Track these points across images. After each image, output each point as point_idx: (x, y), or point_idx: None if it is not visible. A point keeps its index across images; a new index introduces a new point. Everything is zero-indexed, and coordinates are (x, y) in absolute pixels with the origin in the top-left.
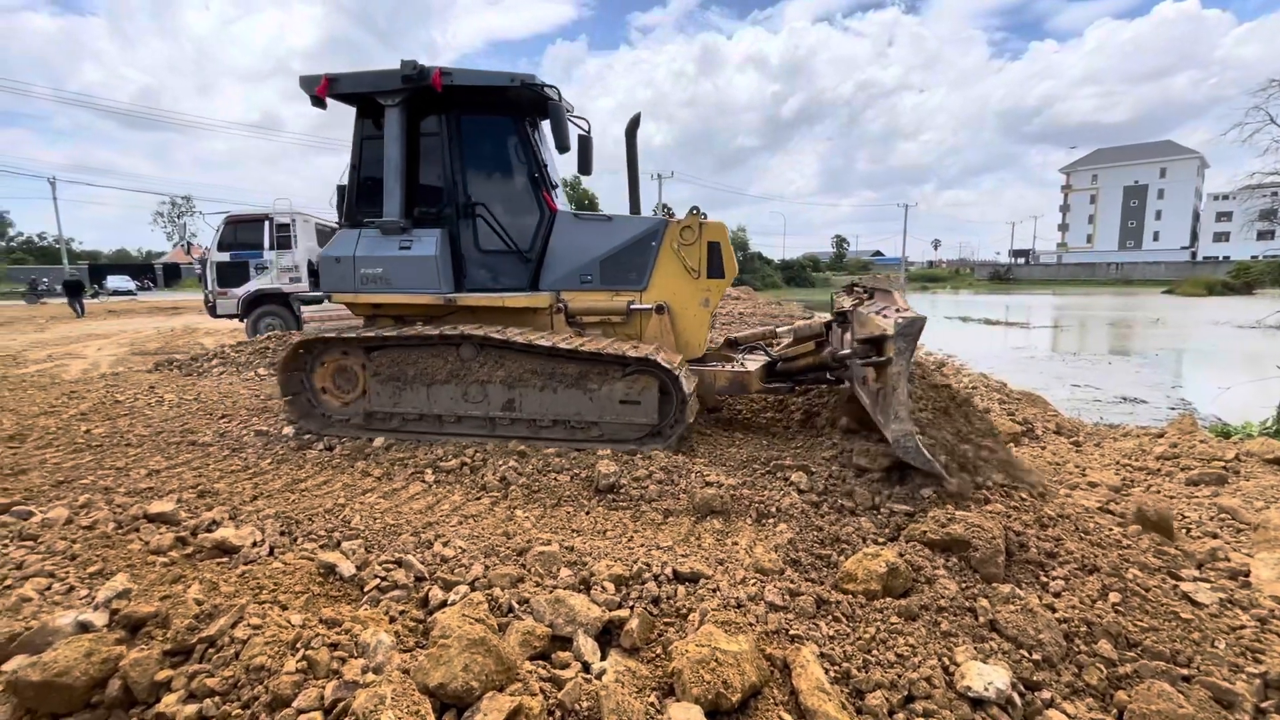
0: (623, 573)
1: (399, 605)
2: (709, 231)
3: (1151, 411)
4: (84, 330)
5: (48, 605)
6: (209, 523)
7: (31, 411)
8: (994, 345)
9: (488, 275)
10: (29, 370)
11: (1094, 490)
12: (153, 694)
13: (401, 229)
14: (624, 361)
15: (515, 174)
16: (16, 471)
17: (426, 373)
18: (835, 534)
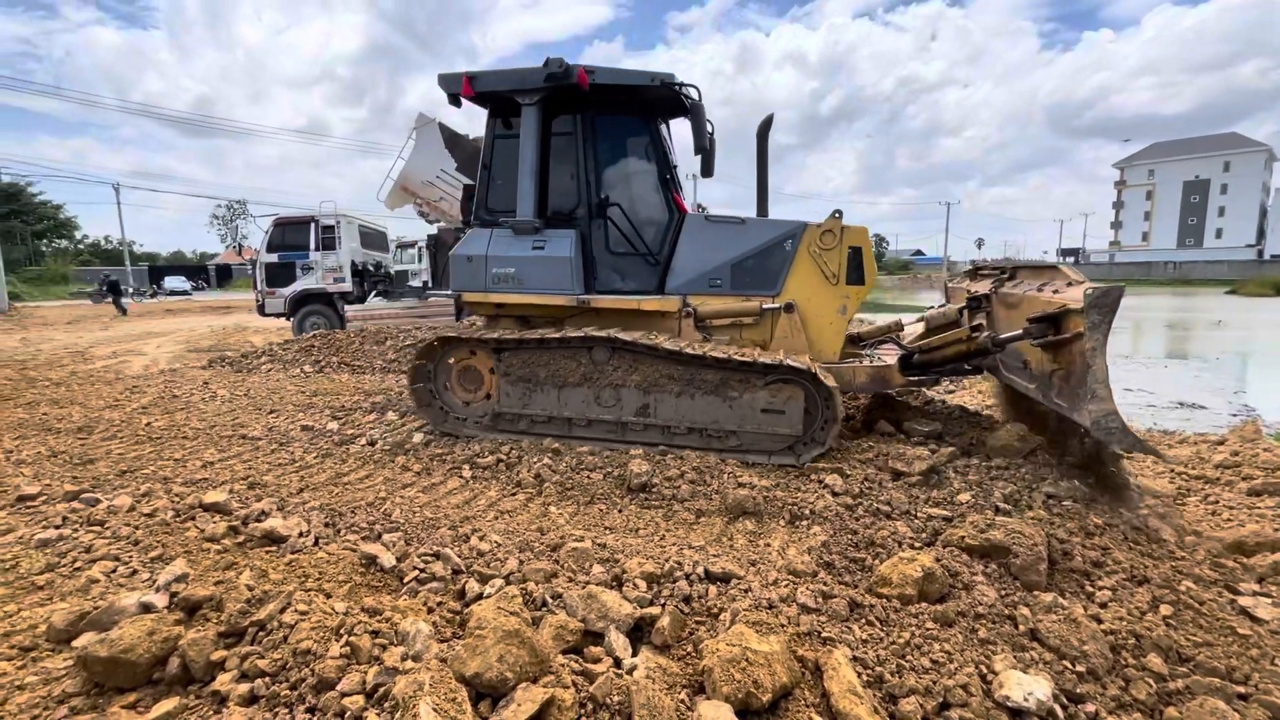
0: (654, 570)
1: (436, 596)
2: (851, 236)
3: (1211, 418)
4: (144, 329)
5: (113, 586)
6: (259, 513)
7: (98, 405)
8: None
9: (616, 277)
10: (95, 366)
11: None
12: (208, 672)
13: (535, 229)
14: (768, 370)
15: (647, 175)
16: (85, 461)
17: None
18: (870, 538)
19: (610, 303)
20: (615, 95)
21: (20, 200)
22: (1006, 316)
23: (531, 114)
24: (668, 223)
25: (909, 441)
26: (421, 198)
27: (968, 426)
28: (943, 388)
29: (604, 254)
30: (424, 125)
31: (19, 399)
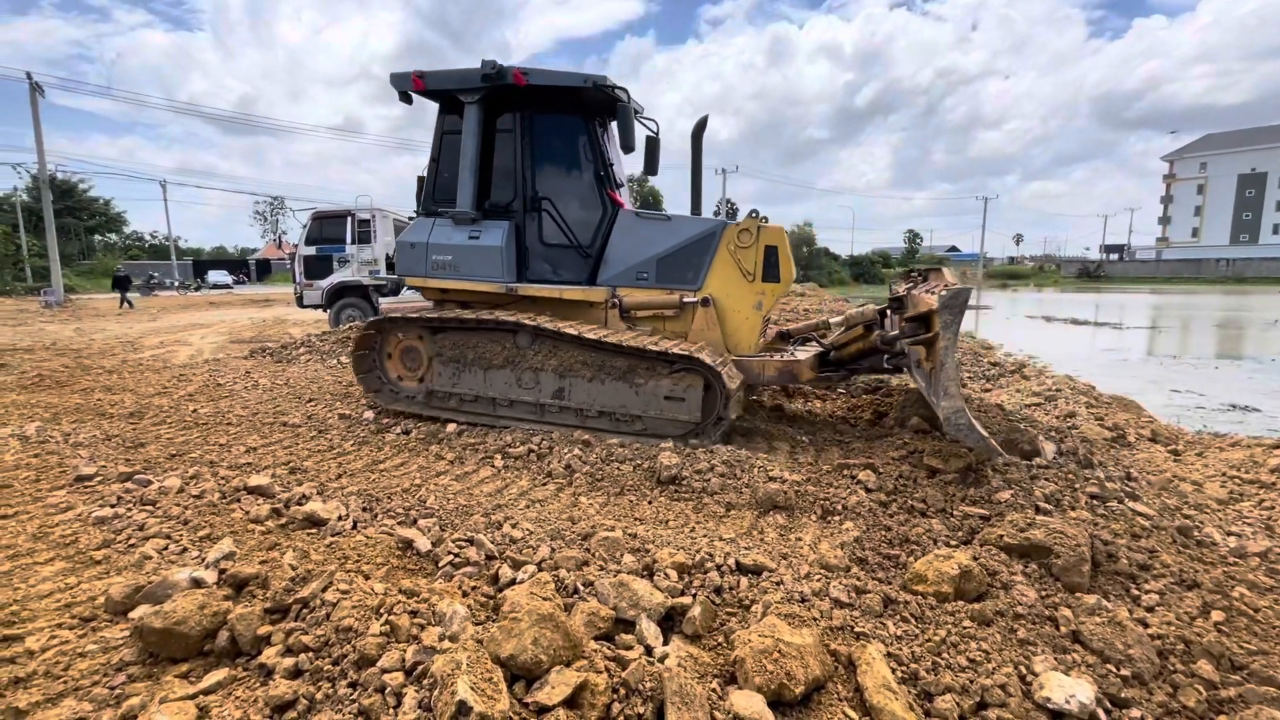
0: (685, 561)
1: (471, 581)
2: (767, 236)
3: (1266, 421)
4: (189, 320)
5: (165, 563)
6: (299, 497)
7: (148, 392)
8: (1081, 346)
9: (549, 268)
10: (145, 355)
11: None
12: (255, 646)
13: (472, 220)
14: (670, 359)
15: (582, 172)
16: (137, 444)
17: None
18: (904, 534)
19: (537, 291)
20: (554, 95)
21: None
22: (908, 313)
23: (472, 111)
24: (601, 218)
25: (944, 438)
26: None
27: (1005, 424)
28: (978, 385)
29: (538, 245)
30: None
31: (75, 385)
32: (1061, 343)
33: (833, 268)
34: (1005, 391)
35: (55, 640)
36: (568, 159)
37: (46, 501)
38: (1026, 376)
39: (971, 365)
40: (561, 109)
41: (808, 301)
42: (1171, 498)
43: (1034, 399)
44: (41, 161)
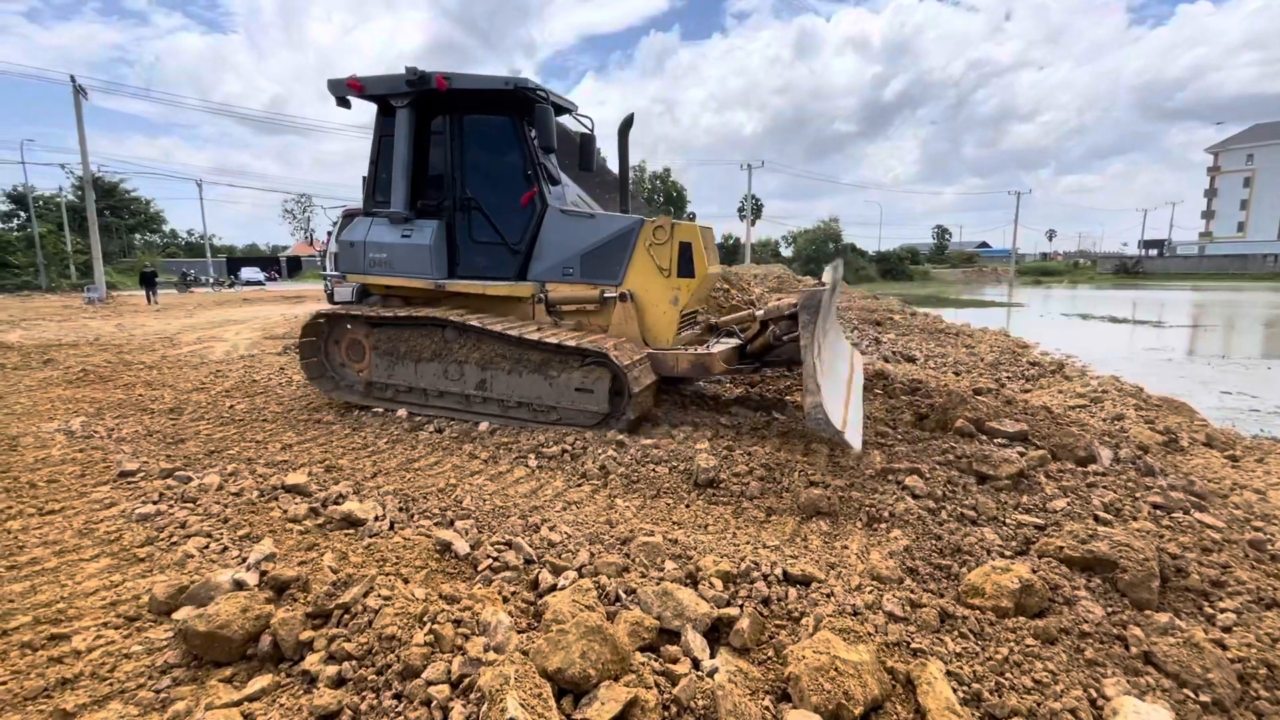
0: (730, 570)
1: (510, 586)
2: (681, 233)
3: None
4: (224, 316)
5: (206, 562)
6: (336, 496)
7: (186, 387)
8: (1121, 345)
9: (480, 264)
10: (182, 351)
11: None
12: (298, 652)
13: (405, 219)
14: (577, 352)
15: (510, 171)
16: (177, 440)
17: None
18: (956, 544)
19: (463, 287)
20: (481, 98)
21: (116, 196)
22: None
23: (403, 115)
24: (530, 215)
25: (991, 443)
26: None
27: (1055, 428)
28: (1018, 385)
29: (468, 243)
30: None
31: (117, 380)
32: (1100, 341)
33: (860, 264)
34: (1047, 393)
35: (101, 640)
36: (496, 159)
37: (91, 497)
38: (1068, 377)
39: (1009, 364)
40: (489, 111)
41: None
42: (1238, 508)
43: (1078, 400)
44: (85, 162)
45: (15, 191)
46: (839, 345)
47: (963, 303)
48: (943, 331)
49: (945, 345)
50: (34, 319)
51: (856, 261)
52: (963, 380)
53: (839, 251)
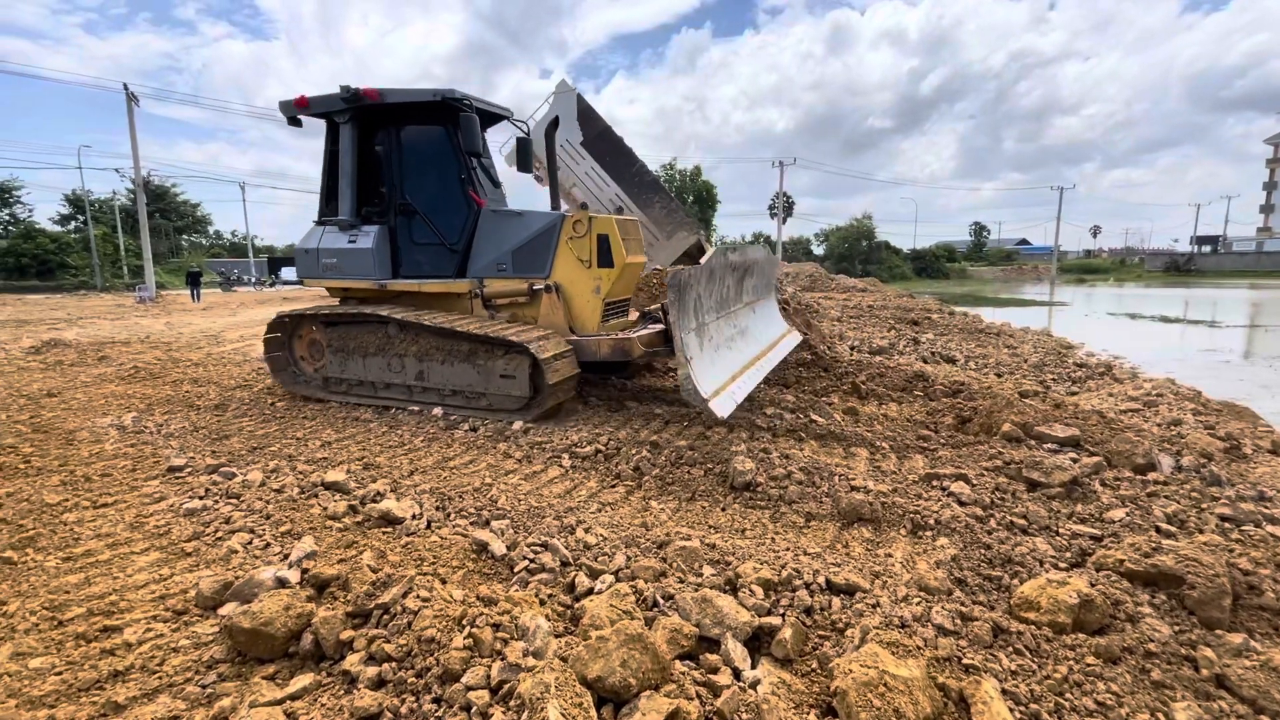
0: (771, 577)
1: (547, 589)
2: (598, 226)
3: None
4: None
5: (249, 558)
6: (374, 494)
7: (230, 384)
8: (1173, 346)
9: (421, 264)
10: (226, 349)
11: None
12: (338, 651)
13: (351, 226)
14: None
15: (445, 177)
16: (221, 436)
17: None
18: (1006, 554)
19: (403, 286)
20: (412, 110)
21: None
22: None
23: (346, 130)
24: (465, 217)
25: (1040, 448)
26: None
27: (1109, 433)
28: (1064, 388)
29: (409, 245)
30: (562, 92)
31: (166, 377)
32: (1151, 342)
33: (894, 262)
34: (1096, 396)
35: (151, 633)
36: (432, 166)
37: (142, 491)
38: (1118, 379)
39: (1054, 366)
40: (422, 121)
41: (870, 298)
42: None
43: (1131, 404)
44: (137, 166)
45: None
46: (757, 324)
47: (1002, 301)
48: (982, 331)
49: (986, 346)
50: (89, 317)
51: (890, 260)
52: (1005, 382)
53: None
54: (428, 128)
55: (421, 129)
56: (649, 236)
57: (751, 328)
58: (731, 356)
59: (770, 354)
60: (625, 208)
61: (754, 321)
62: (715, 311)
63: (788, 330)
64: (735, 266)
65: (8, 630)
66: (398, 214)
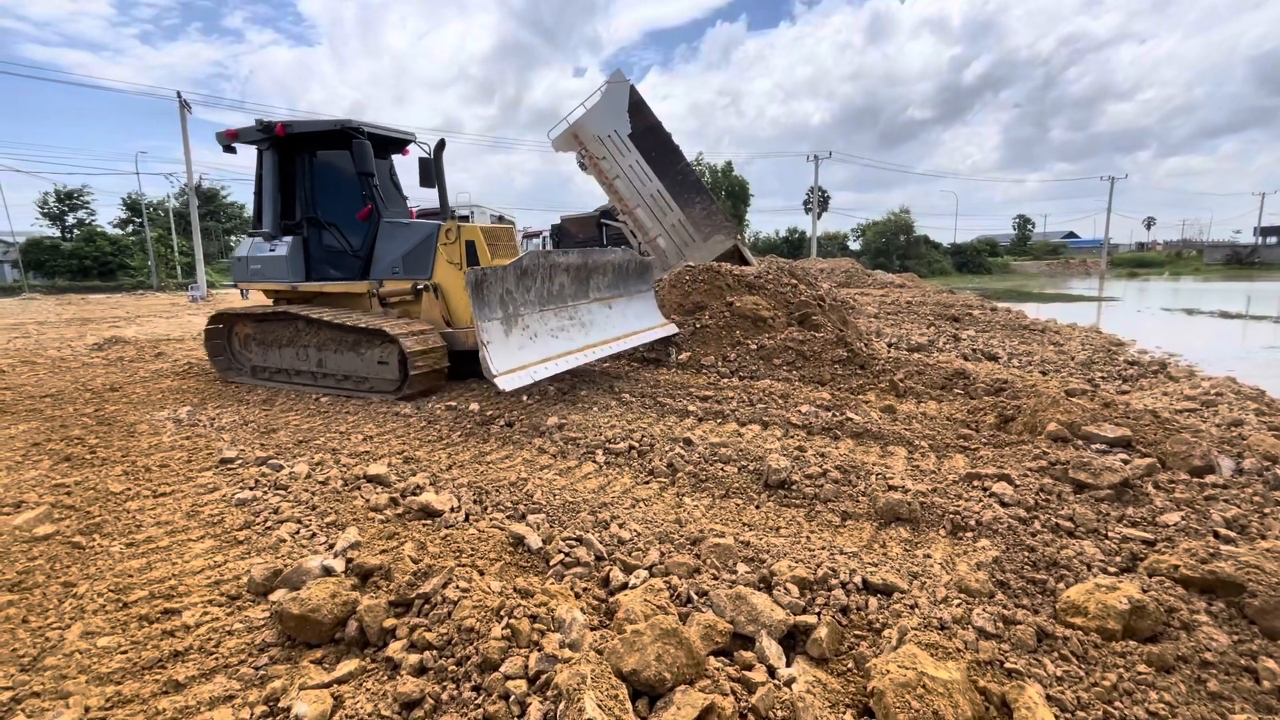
0: (806, 576)
1: (582, 582)
2: (465, 234)
3: None
4: None
5: (297, 546)
6: (414, 487)
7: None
8: (1234, 343)
9: (329, 269)
10: None
11: None
12: (382, 638)
13: (272, 236)
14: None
15: (351, 193)
16: (269, 430)
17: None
18: (1051, 557)
19: (311, 287)
20: (320, 137)
21: (215, 202)
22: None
23: (267, 156)
24: (368, 227)
25: (1088, 448)
26: (587, 150)
27: (1163, 434)
28: (1114, 386)
29: (320, 252)
30: (616, 82)
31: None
32: (1209, 339)
33: (933, 256)
34: (1149, 395)
35: (208, 616)
36: (337, 184)
37: (197, 481)
38: (1173, 377)
39: (1104, 363)
40: (329, 147)
41: (908, 293)
42: None
43: (1187, 404)
44: (189, 171)
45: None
46: (612, 318)
47: (1047, 297)
48: (1026, 328)
49: (1030, 343)
50: (146, 315)
51: (930, 254)
52: (1051, 380)
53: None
54: (333, 152)
55: (327, 153)
56: (685, 236)
57: (600, 321)
58: (553, 344)
59: (618, 343)
60: (665, 204)
61: (607, 316)
62: (538, 305)
63: (661, 323)
64: (569, 267)
65: (78, 610)
66: (309, 226)
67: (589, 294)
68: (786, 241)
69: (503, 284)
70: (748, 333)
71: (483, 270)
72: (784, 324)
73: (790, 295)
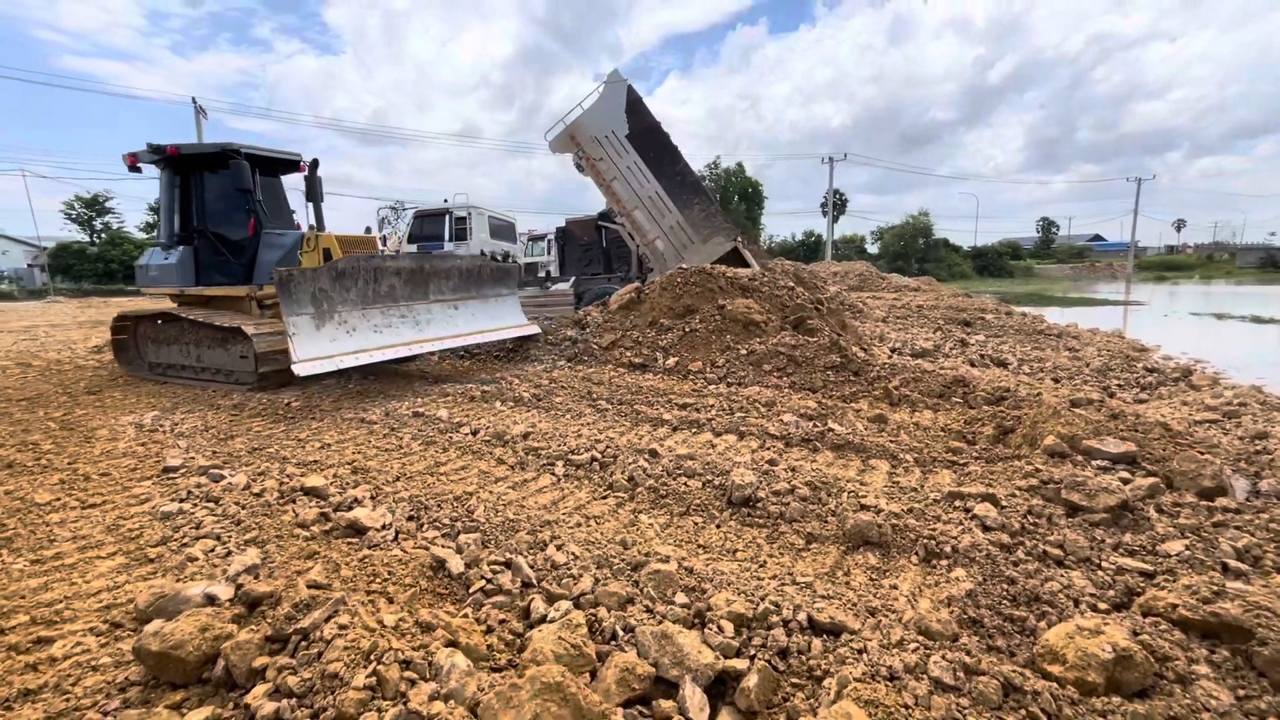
0: (745, 611)
1: (499, 613)
2: (323, 242)
3: None
4: None
5: (208, 566)
6: (350, 501)
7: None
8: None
9: (216, 275)
10: None
11: None
12: (249, 679)
13: (167, 246)
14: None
15: (237, 208)
16: (228, 436)
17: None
18: (1033, 590)
19: (197, 291)
20: (207, 158)
21: None
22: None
23: (165, 175)
24: (251, 238)
25: (1089, 464)
26: (585, 151)
27: (1173, 449)
28: (1131, 395)
29: (210, 260)
30: (614, 82)
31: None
32: (1239, 345)
33: (953, 260)
34: (1168, 404)
35: (79, 648)
36: (227, 200)
37: (132, 492)
38: (1195, 386)
39: (1121, 370)
40: (215, 167)
41: (922, 297)
42: None
43: (1207, 415)
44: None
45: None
46: (455, 318)
47: (1070, 301)
48: (1042, 333)
49: (1044, 348)
50: None
51: (949, 258)
52: (1062, 388)
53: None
54: (219, 172)
55: (214, 173)
56: (684, 238)
57: (441, 320)
58: (374, 339)
59: (461, 339)
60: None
61: (450, 316)
62: (360, 304)
63: (521, 324)
64: (400, 271)
65: None
66: (199, 237)
67: (428, 295)
68: (802, 245)
69: (315, 283)
70: (738, 337)
71: (289, 270)
72: (777, 328)
73: (786, 299)
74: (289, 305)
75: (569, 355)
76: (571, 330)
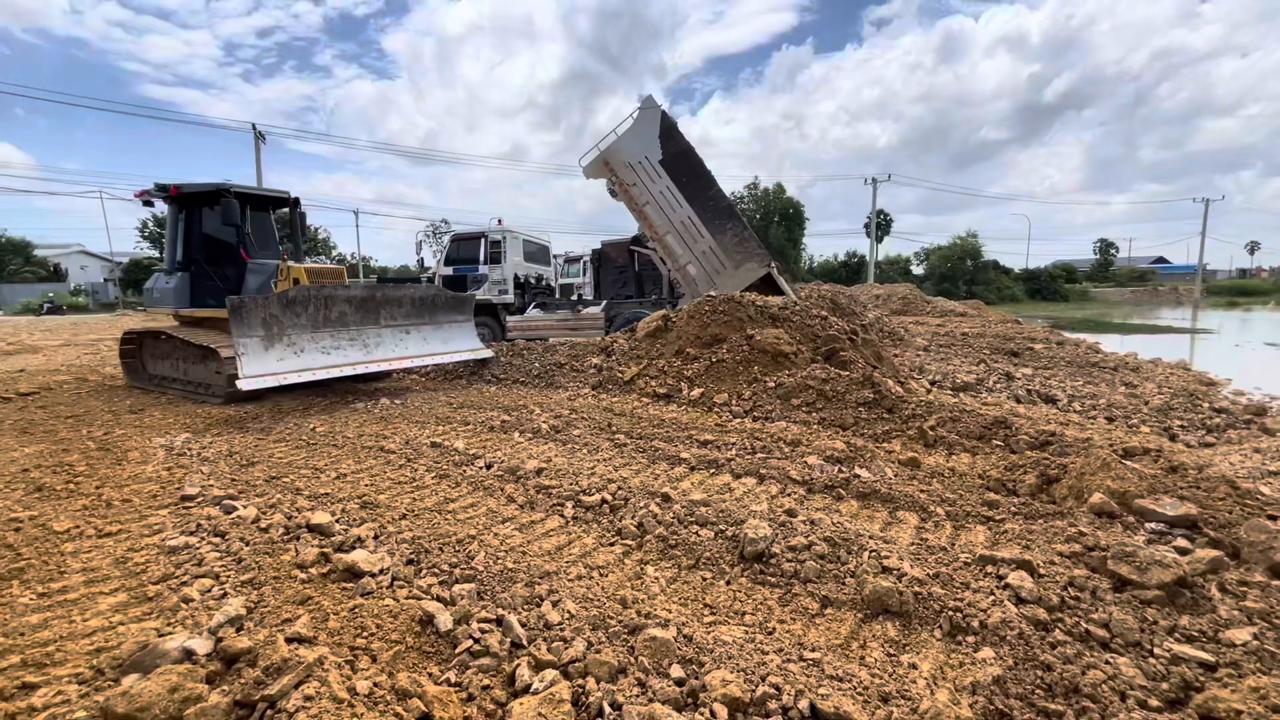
0: (741, 695)
1: (483, 678)
2: (293, 273)
3: None
4: None
5: (203, 608)
6: (353, 541)
7: (291, 406)
8: None
9: (209, 298)
10: None
11: None
12: None
13: (169, 272)
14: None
15: (227, 239)
16: (249, 463)
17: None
18: (1073, 680)
19: (190, 312)
20: (203, 196)
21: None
22: None
23: (171, 210)
24: (240, 267)
25: (1142, 528)
26: (618, 177)
27: (1240, 512)
28: (1195, 437)
29: (203, 285)
30: (648, 107)
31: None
32: None
33: (1003, 283)
34: (1237, 451)
35: (59, 698)
36: (221, 233)
37: (148, 521)
38: (1270, 430)
39: (1185, 410)
40: (209, 204)
41: (968, 323)
42: None
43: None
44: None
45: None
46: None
47: (1130, 328)
48: (1096, 365)
49: (1098, 383)
50: None
51: (999, 280)
52: (1116, 429)
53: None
54: (213, 207)
55: (211, 209)
56: (716, 264)
57: (390, 343)
58: (321, 359)
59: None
60: (696, 231)
61: (401, 339)
62: (310, 329)
63: (473, 348)
64: (351, 299)
65: None
66: (195, 264)
67: (379, 321)
68: (845, 265)
69: (266, 309)
70: (766, 369)
71: (241, 298)
72: (807, 360)
73: (819, 328)
74: (239, 328)
75: (593, 383)
76: (597, 358)
